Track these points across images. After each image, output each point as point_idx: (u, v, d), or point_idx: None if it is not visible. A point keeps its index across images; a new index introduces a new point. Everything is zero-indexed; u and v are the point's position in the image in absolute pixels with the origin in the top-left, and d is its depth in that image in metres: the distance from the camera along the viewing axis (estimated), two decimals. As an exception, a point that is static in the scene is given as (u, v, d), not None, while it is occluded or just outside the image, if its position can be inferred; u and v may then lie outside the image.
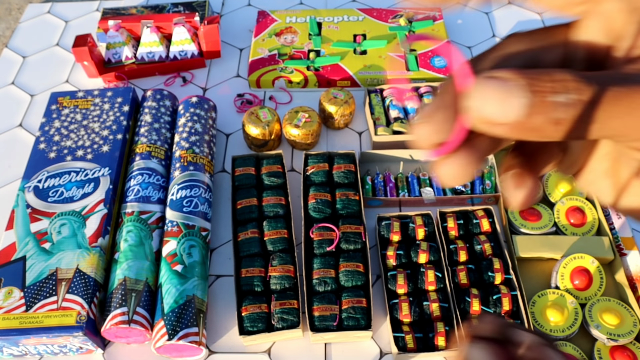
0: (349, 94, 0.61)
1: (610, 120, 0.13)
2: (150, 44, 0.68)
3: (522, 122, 0.13)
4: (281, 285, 0.47)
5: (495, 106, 0.13)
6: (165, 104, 0.60)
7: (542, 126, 0.13)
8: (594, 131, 0.14)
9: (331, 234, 0.49)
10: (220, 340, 0.47)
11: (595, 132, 0.14)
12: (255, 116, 0.58)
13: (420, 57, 0.67)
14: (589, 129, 0.14)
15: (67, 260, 0.46)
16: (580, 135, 0.14)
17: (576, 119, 0.13)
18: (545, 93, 0.13)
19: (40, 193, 0.51)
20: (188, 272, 0.46)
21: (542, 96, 0.13)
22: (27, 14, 0.80)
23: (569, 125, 0.13)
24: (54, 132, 0.56)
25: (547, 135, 0.14)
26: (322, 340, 0.46)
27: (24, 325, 0.43)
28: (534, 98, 0.13)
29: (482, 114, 0.14)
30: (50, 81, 0.70)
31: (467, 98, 0.14)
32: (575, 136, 0.14)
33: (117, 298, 0.44)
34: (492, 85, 0.14)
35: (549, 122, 0.13)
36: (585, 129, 0.14)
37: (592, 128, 0.14)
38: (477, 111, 0.14)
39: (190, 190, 0.51)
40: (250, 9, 0.79)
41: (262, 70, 0.67)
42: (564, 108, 0.13)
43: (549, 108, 0.13)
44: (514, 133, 0.14)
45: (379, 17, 0.73)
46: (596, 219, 0.52)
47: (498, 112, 0.14)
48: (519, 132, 0.14)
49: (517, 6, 0.78)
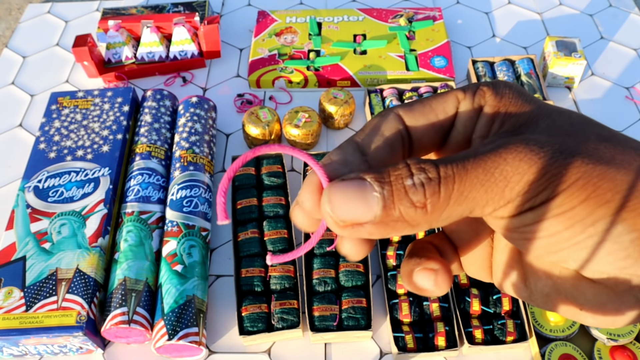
0: (349, 94, 0.61)
1: (465, 194, 0.14)
2: (150, 44, 0.68)
3: (384, 215, 0.14)
4: (281, 285, 0.47)
5: (352, 207, 0.14)
6: (165, 104, 0.60)
7: (405, 214, 0.14)
8: (455, 210, 0.14)
9: (331, 234, 0.49)
10: (220, 340, 0.47)
11: (457, 210, 0.14)
12: (255, 116, 0.58)
13: (420, 57, 0.67)
14: (452, 209, 0.14)
15: (67, 260, 0.46)
16: (448, 216, 0.14)
17: (434, 199, 0.14)
18: (394, 182, 0.14)
19: (40, 193, 0.51)
20: (188, 272, 0.46)
21: (393, 185, 0.14)
22: (27, 14, 0.80)
23: (431, 207, 0.14)
24: (54, 132, 0.56)
25: (415, 223, 0.14)
26: (322, 340, 0.46)
27: (24, 325, 0.43)
28: (386, 188, 0.14)
29: (340, 217, 0.14)
30: (50, 81, 0.70)
31: (322, 203, 0.15)
32: (444, 218, 0.14)
33: (117, 298, 0.44)
34: (343, 188, 0.14)
35: (409, 207, 0.14)
36: (449, 209, 0.14)
37: (454, 207, 0.14)
38: (334, 215, 0.14)
39: (190, 190, 0.51)
40: (250, 9, 0.79)
41: (262, 70, 0.67)
42: (415, 189, 0.14)
43: (402, 194, 0.14)
44: (380, 229, 0.14)
45: (379, 17, 0.73)
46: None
47: (356, 213, 0.14)
48: (384, 226, 0.14)
49: (517, 6, 0.78)
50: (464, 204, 0.14)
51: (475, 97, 0.16)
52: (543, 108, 0.15)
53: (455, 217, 0.14)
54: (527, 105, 0.16)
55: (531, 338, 0.44)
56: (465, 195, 0.14)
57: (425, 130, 0.16)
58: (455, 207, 0.14)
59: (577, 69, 0.63)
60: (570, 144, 0.14)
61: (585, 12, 0.77)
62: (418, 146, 0.17)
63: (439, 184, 0.14)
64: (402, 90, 0.64)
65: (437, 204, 0.14)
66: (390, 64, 0.67)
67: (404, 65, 0.67)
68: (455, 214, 0.14)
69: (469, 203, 0.14)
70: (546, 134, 0.14)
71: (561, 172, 0.13)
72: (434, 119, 0.16)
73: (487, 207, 0.14)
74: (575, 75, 0.64)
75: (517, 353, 0.45)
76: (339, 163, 0.15)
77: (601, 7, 0.77)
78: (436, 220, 0.14)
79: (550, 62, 0.64)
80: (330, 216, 0.14)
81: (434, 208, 0.14)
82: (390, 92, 0.63)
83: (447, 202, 0.14)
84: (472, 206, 0.14)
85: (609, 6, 0.78)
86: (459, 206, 0.14)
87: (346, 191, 0.14)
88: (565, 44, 0.64)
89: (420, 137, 0.16)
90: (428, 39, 0.70)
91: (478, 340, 0.44)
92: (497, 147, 0.14)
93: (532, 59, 0.65)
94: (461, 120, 0.16)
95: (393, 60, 0.67)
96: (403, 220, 0.14)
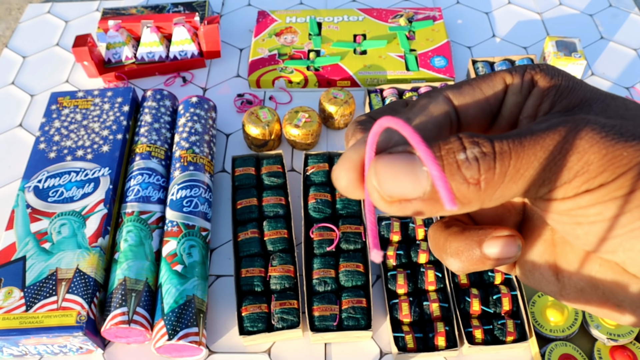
0: (349, 94, 0.61)
1: (521, 171, 0.13)
2: (150, 44, 0.68)
3: (434, 191, 0.13)
4: (281, 285, 0.47)
5: (400, 182, 0.13)
6: (165, 104, 0.60)
7: (457, 190, 0.13)
8: (510, 188, 0.13)
9: (331, 234, 0.49)
10: (220, 340, 0.47)
11: (512, 188, 0.13)
12: (255, 116, 0.58)
13: (420, 57, 0.67)
14: (507, 187, 0.13)
15: (67, 260, 0.46)
16: (501, 194, 0.13)
17: (489, 175, 0.13)
18: (445, 156, 0.13)
19: (40, 193, 0.51)
20: (188, 272, 0.46)
21: (444, 160, 0.13)
22: (27, 14, 0.80)
23: (485, 184, 0.13)
24: (54, 132, 0.56)
25: (466, 201, 0.13)
26: (322, 340, 0.46)
27: (24, 325, 0.43)
28: (437, 163, 0.13)
29: (387, 192, 0.13)
30: (50, 81, 0.70)
31: (368, 177, 0.14)
32: (497, 197, 0.13)
33: (117, 298, 0.44)
34: (391, 162, 0.13)
35: (461, 183, 0.13)
36: (504, 187, 0.13)
37: (509, 185, 0.13)
38: (381, 190, 0.13)
39: (190, 190, 0.51)
40: (250, 9, 0.79)
41: (262, 70, 0.67)
42: (469, 164, 0.13)
43: (454, 169, 0.13)
44: (429, 207, 0.13)
45: (379, 17, 0.73)
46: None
47: (404, 188, 0.13)
48: (434, 204, 0.13)
49: (517, 6, 0.78)
50: (519, 182, 0.13)
51: (525, 78, 0.16)
52: (596, 92, 0.15)
53: (508, 196, 0.13)
54: (579, 88, 0.15)
55: (531, 338, 0.44)
56: (522, 173, 0.13)
57: (474, 112, 0.16)
58: (510, 186, 0.13)
59: (577, 69, 0.64)
60: (629, 127, 0.13)
61: (585, 12, 0.77)
62: (465, 129, 0.16)
63: (494, 159, 0.13)
64: (402, 90, 0.64)
65: (491, 180, 0.13)
66: (390, 64, 0.67)
67: (404, 65, 0.67)
68: (509, 193, 0.13)
69: (524, 182, 0.13)
70: (603, 116, 0.14)
71: (622, 154, 0.13)
72: (483, 101, 0.16)
73: (543, 187, 0.13)
74: (576, 75, 0.64)
75: (517, 353, 0.45)
76: (383, 138, 0.14)
77: (601, 7, 0.77)
78: (489, 198, 0.13)
79: (550, 62, 0.64)
80: (377, 190, 0.13)
81: (488, 185, 0.13)
82: (390, 92, 0.63)
83: (502, 179, 0.13)
84: (527, 185, 0.13)
85: (609, 6, 0.78)
86: (514, 184, 0.13)
87: (394, 165, 0.13)
88: (565, 44, 0.64)
89: (468, 119, 0.16)
90: (428, 39, 0.70)
91: (478, 340, 0.44)
92: (554, 124, 0.13)
93: (532, 59, 0.65)
94: (509, 102, 0.16)
95: (393, 60, 0.67)
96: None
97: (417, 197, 0.13)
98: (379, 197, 0.14)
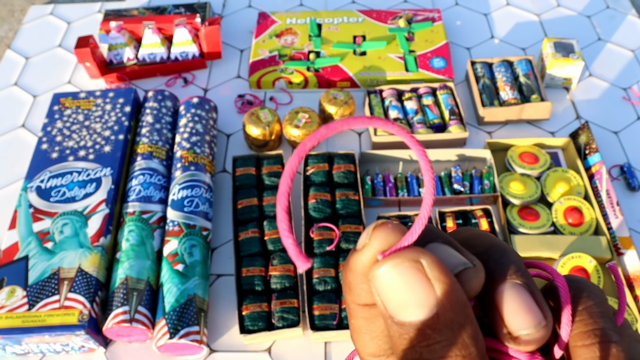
0: (349, 94, 0.61)
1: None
2: (152, 45, 0.68)
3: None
4: (281, 285, 0.47)
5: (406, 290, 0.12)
6: (167, 105, 0.60)
7: None
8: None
9: (331, 233, 0.50)
10: (221, 339, 0.47)
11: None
12: (256, 117, 0.58)
13: (419, 58, 0.68)
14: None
15: (69, 260, 0.46)
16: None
17: None
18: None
19: (43, 193, 0.51)
20: (189, 271, 0.46)
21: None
22: (30, 16, 0.81)
23: None
24: (56, 132, 0.57)
25: None
26: (322, 339, 0.46)
27: (26, 324, 0.43)
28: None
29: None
30: (52, 82, 0.70)
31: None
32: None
33: (119, 297, 0.44)
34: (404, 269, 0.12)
35: None
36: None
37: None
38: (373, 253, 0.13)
39: (191, 190, 0.51)
40: (251, 10, 0.79)
41: (263, 71, 0.67)
42: None
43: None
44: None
45: (378, 18, 0.73)
46: (594, 218, 0.52)
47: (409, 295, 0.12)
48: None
49: (515, 7, 0.78)
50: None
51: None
52: None
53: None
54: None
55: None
56: None
57: None
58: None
59: (575, 70, 0.64)
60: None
61: (583, 14, 0.77)
62: None
63: None
64: (402, 91, 0.64)
65: None
66: (390, 65, 0.67)
67: (403, 66, 0.67)
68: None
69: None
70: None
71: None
72: None
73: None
74: (573, 76, 0.65)
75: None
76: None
77: (598, 8, 0.78)
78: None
79: (548, 63, 0.64)
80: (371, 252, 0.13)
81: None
82: (390, 92, 0.63)
83: None
84: None
85: (607, 8, 0.78)
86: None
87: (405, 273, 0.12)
88: (563, 45, 0.65)
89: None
90: (427, 40, 0.70)
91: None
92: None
93: (530, 60, 0.65)
94: None
95: (392, 61, 0.67)
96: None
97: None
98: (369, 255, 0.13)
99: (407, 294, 0.12)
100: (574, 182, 0.55)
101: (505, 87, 0.63)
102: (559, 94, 0.66)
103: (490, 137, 0.62)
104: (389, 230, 0.13)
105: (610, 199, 0.53)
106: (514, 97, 0.62)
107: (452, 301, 0.12)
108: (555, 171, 0.56)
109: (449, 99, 0.62)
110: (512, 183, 0.55)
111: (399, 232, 0.13)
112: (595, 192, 0.54)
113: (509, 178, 0.56)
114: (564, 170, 0.56)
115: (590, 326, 0.13)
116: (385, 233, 0.13)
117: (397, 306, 0.12)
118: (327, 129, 0.13)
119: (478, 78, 0.65)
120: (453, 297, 0.12)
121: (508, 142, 0.59)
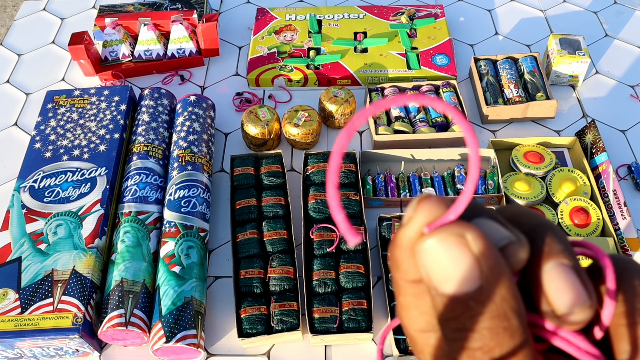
0: (350, 92, 0.60)
1: None
2: (148, 42, 0.67)
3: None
4: (281, 287, 0.46)
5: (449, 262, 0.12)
6: (163, 103, 0.59)
7: None
8: None
9: (331, 234, 0.49)
10: (219, 342, 0.46)
11: None
12: (255, 115, 0.57)
13: (422, 55, 0.67)
14: None
15: (63, 262, 0.45)
16: None
17: None
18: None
19: (36, 193, 0.50)
20: (186, 273, 0.45)
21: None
22: (23, 11, 0.79)
23: None
24: (49, 131, 0.55)
25: None
26: (322, 342, 0.45)
27: (19, 328, 0.42)
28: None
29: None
30: (46, 79, 0.69)
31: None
32: None
33: (114, 300, 0.43)
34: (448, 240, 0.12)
35: None
36: None
37: None
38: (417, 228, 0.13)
39: (188, 191, 0.50)
40: (249, 6, 0.78)
41: (262, 69, 0.66)
42: None
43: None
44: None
45: (380, 14, 0.72)
46: (600, 219, 0.51)
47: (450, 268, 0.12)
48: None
49: (520, 3, 0.77)
50: None
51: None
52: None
53: None
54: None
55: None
56: None
57: None
58: None
59: (581, 67, 0.63)
60: None
61: (590, 9, 0.76)
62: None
63: None
64: (404, 88, 0.63)
65: None
66: (391, 62, 0.66)
67: (405, 63, 0.66)
68: None
69: None
70: None
71: None
72: None
73: None
74: (579, 73, 0.63)
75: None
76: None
77: (606, 4, 0.77)
78: None
79: (553, 60, 0.63)
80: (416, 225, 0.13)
81: None
82: (391, 90, 0.62)
83: None
84: None
85: (614, 3, 0.77)
86: None
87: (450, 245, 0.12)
88: (569, 42, 0.64)
89: None
90: (429, 36, 0.69)
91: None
92: None
93: (535, 57, 0.64)
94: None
95: (394, 59, 0.66)
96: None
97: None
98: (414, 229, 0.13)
99: (452, 268, 0.12)
100: (580, 182, 0.54)
101: (509, 84, 0.62)
102: (564, 91, 0.65)
103: (494, 136, 0.61)
104: (433, 203, 0.13)
105: (618, 199, 0.52)
106: (519, 95, 0.61)
107: (496, 275, 0.12)
108: (560, 171, 0.55)
109: (452, 97, 0.61)
110: (517, 183, 0.54)
111: (443, 205, 0.13)
112: (602, 192, 0.53)
113: (514, 178, 0.55)
114: (570, 169, 0.55)
115: (635, 305, 0.13)
116: (430, 205, 0.13)
117: (442, 279, 0.12)
118: (374, 106, 0.13)
119: (482, 75, 0.64)
120: (496, 270, 0.12)
121: (512, 141, 0.57)
